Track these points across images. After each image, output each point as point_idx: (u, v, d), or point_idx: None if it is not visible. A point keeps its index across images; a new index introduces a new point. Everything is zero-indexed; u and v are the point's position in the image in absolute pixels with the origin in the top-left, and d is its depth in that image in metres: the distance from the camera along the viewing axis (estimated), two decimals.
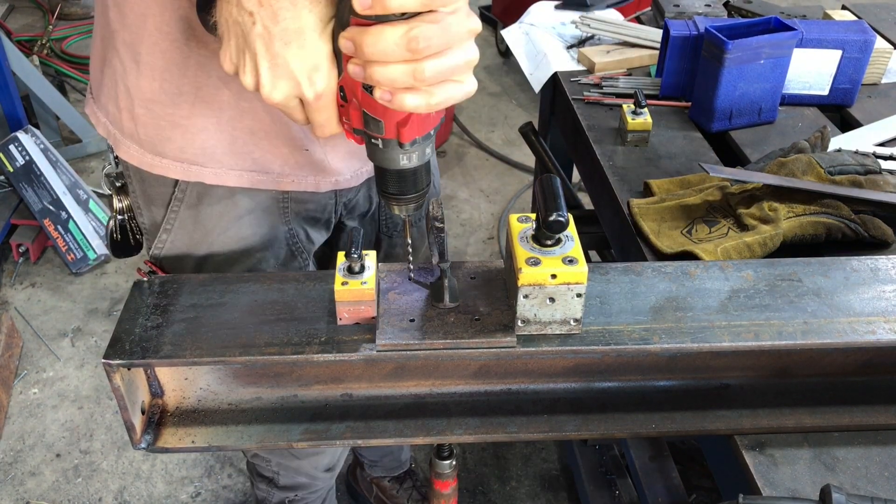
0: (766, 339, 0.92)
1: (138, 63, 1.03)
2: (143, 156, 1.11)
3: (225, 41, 0.83)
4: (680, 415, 1.02)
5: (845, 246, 1.23)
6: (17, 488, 2.31)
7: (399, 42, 0.71)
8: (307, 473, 1.62)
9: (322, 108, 0.84)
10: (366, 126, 0.83)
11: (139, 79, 1.04)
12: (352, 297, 0.92)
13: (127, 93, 1.06)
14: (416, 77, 0.73)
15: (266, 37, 0.78)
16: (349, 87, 0.82)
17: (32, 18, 5.11)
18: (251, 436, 1.00)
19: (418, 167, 0.87)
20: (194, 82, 1.03)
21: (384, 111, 0.79)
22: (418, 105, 0.75)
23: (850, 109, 1.68)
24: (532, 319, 0.91)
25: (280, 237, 1.20)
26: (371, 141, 0.84)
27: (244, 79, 0.83)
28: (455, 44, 0.74)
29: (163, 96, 1.04)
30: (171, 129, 1.07)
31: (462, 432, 1.00)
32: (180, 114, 1.06)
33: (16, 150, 3.03)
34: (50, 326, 2.85)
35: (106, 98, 1.11)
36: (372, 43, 0.71)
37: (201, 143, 1.08)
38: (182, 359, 0.91)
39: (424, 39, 0.71)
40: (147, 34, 1.00)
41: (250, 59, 0.81)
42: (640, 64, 1.88)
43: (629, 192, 1.41)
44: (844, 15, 1.97)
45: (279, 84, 0.81)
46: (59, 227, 3.03)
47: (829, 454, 0.96)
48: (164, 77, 1.03)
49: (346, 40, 0.74)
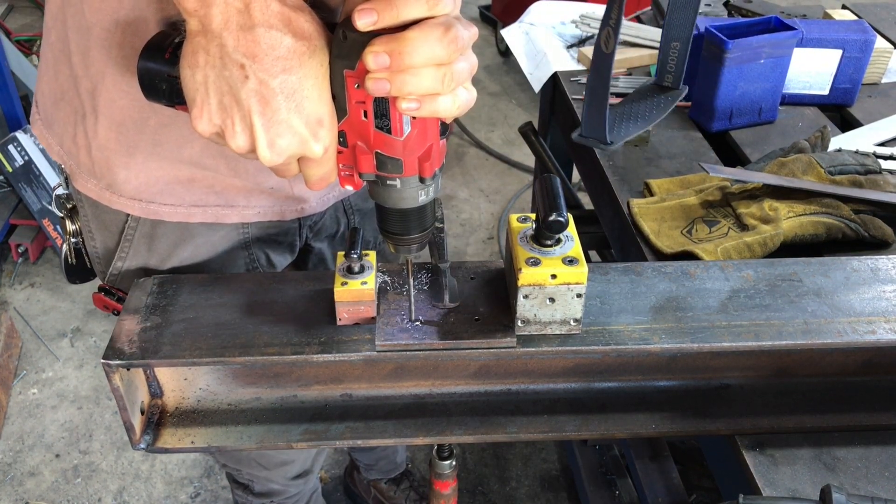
0: (766, 339, 0.92)
1: (97, 112, 0.98)
2: (101, 191, 1.06)
3: (199, 102, 0.74)
4: (680, 415, 1.02)
5: (845, 246, 1.22)
6: (17, 488, 2.30)
7: (441, 42, 0.67)
8: (278, 482, 1.62)
9: (325, 161, 0.78)
10: (380, 168, 0.77)
11: (97, 126, 0.99)
12: (351, 297, 0.92)
13: (84, 134, 1.01)
14: (445, 80, 0.69)
15: (262, 92, 0.71)
16: (355, 132, 0.76)
17: (31, 18, 5.11)
18: (251, 436, 1.00)
19: (433, 200, 0.83)
20: (153, 139, 0.98)
21: (403, 149, 0.74)
22: (448, 108, 0.72)
23: (850, 109, 1.68)
24: (532, 319, 0.91)
25: (239, 262, 1.15)
26: (386, 183, 0.78)
27: (233, 141, 0.74)
28: (467, 47, 0.72)
29: (119, 147, 1.00)
30: (126, 171, 1.02)
31: (462, 432, 1.00)
32: (136, 162, 1.01)
33: (15, 150, 3.03)
34: (49, 326, 2.85)
35: (61, 129, 1.06)
36: (412, 50, 0.67)
37: (159, 185, 1.03)
38: (181, 359, 0.91)
39: (461, 39, 0.68)
40: (105, 89, 0.95)
41: (241, 118, 0.73)
42: (640, 64, 1.87)
43: (629, 192, 1.41)
44: (845, 14, 1.97)
45: (279, 144, 0.74)
46: (58, 227, 3.03)
47: (829, 454, 0.96)
48: (121, 131, 0.98)
49: (379, 54, 0.67)
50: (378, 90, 0.69)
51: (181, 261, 1.12)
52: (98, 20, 0.91)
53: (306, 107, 0.73)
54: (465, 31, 0.70)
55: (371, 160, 0.77)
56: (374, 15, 0.67)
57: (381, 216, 0.84)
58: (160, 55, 0.81)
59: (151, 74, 0.82)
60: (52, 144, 1.09)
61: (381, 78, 0.69)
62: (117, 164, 1.02)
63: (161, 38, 0.83)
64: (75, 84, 0.99)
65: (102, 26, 0.91)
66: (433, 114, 0.72)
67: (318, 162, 0.78)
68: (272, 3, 0.70)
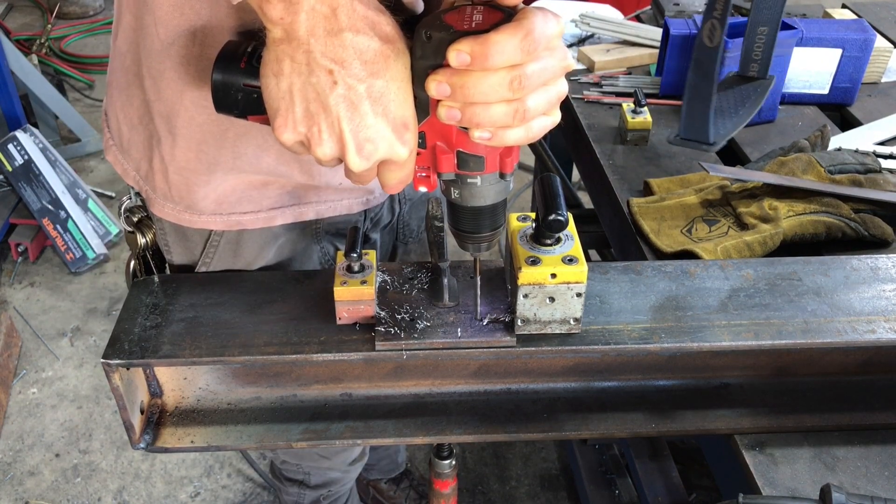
0: (766, 339, 0.92)
1: (174, 135, 0.97)
2: (180, 214, 1.06)
3: (284, 110, 0.73)
4: (680, 414, 1.02)
5: (845, 245, 1.23)
6: (17, 488, 2.30)
7: (502, 83, 0.67)
8: (338, 469, 1.62)
9: (408, 164, 0.77)
10: (461, 167, 0.77)
11: (174, 149, 0.98)
12: (351, 296, 0.92)
13: (161, 160, 1.01)
14: (517, 115, 0.70)
15: (350, 98, 0.70)
16: (435, 132, 0.76)
17: (31, 17, 5.11)
18: (250, 436, 1.00)
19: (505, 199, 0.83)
20: (233, 152, 0.98)
21: (486, 147, 0.75)
22: (519, 139, 0.72)
23: (850, 108, 1.68)
24: (532, 319, 0.91)
25: (314, 257, 1.18)
26: (466, 181, 0.78)
27: (319, 149, 0.74)
28: (551, 81, 0.71)
29: (199, 165, 0.99)
30: (205, 188, 1.02)
31: (462, 432, 1.00)
32: (215, 178, 1.01)
33: (14, 149, 3.03)
34: (49, 326, 2.85)
35: (138, 155, 1.05)
36: (474, 85, 0.67)
37: (236, 194, 1.04)
38: (181, 358, 0.91)
39: (527, 79, 0.68)
40: (184, 108, 0.94)
41: (328, 126, 0.72)
42: (640, 63, 1.87)
43: (629, 191, 1.41)
44: (844, 14, 1.97)
45: (367, 149, 0.73)
46: (58, 226, 3.03)
47: (829, 453, 0.96)
48: (201, 149, 0.98)
49: (441, 84, 0.68)
50: (449, 118, 0.70)
51: (266, 261, 1.13)
52: (176, 37, 0.89)
53: (392, 110, 0.72)
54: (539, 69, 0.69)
55: (452, 160, 0.77)
56: None
57: (454, 214, 0.84)
58: (235, 65, 0.79)
59: (227, 85, 0.80)
60: (128, 170, 1.08)
61: (453, 106, 0.69)
62: (196, 183, 1.01)
63: (233, 47, 0.81)
64: (149, 109, 0.98)
65: (180, 43, 0.90)
66: (502, 144, 0.72)
67: (402, 165, 0.77)
68: (357, 7, 0.69)
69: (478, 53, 0.66)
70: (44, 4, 5.14)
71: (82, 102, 4.19)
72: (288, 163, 1.01)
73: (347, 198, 1.12)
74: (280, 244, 1.13)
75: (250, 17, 0.85)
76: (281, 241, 1.13)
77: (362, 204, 1.15)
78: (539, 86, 0.70)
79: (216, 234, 1.09)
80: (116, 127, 1.07)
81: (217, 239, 1.10)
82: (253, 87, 0.78)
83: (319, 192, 1.09)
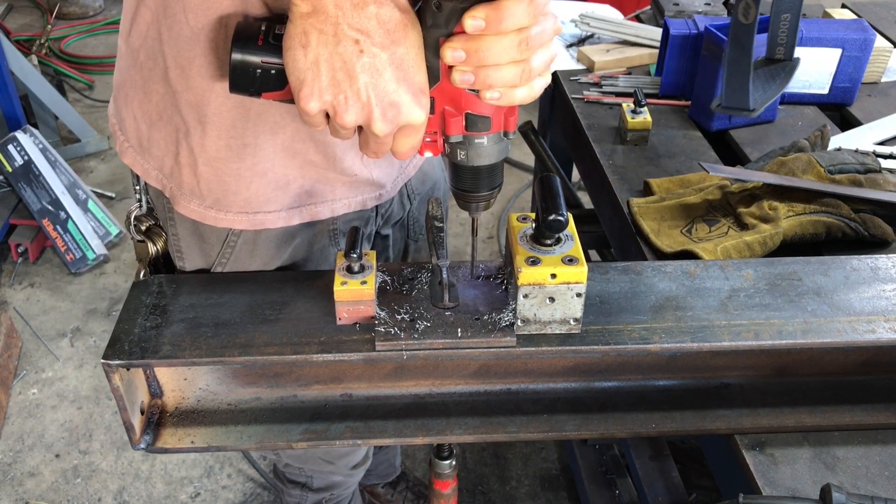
0: (766, 339, 0.92)
1: (204, 123, 0.98)
2: (206, 211, 1.07)
3: (310, 80, 0.77)
4: (680, 414, 1.02)
5: (845, 245, 1.23)
6: (17, 488, 2.30)
7: (512, 45, 0.73)
8: (341, 473, 1.63)
9: (421, 128, 0.81)
10: (469, 128, 0.82)
11: (204, 138, 1.00)
12: (351, 296, 0.92)
13: (190, 152, 1.02)
14: (524, 74, 0.76)
15: (375, 65, 0.75)
16: (445, 96, 0.80)
17: (31, 18, 5.11)
18: (250, 436, 1.00)
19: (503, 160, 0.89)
20: (255, 131, 1.00)
21: (491, 107, 0.80)
22: (524, 97, 0.78)
23: (850, 108, 1.68)
24: (532, 319, 0.91)
25: (330, 257, 1.19)
26: (473, 142, 0.83)
27: (345, 116, 0.78)
28: (548, 42, 0.78)
29: (228, 153, 1.01)
30: (235, 182, 1.03)
31: (462, 432, 1.00)
32: (245, 166, 1.02)
33: (14, 150, 3.03)
34: (49, 326, 2.85)
35: (161, 152, 1.05)
36: (487, 48, 0.72)
37: (262, 191, 1.05)
38: (181, 359, 0.91)
39: (532, 40, 0.74)
40: (215, 95, 0.96)
41: (353, 93, 0.76)
42: (640, 63, 1.87)
43: (629, 192, 1.41)
44: (844, 13, 1.97)
45: (390, 113, 0.78)
46: (58, 226, 3.03)
47: (829, 453, 0.96)
48: (231, 134, 0.99)
49: (457, 50, 0.74)
50: (463, 82, 0.75)
51: (282, 262, 1.14)
52: (204, 25, 0.91)
53: (411, 75, 0.77)
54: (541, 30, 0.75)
55: (460, 122, 0.81)
56: None
57: (459, 176, 0.88)
58: (252, 43, 0.82)
59: (245, 64, 0.83)
60: (149, 170, 1.08)
61: (466, 70, 0.75)
62: (228, 174, 1.02)
63: (247, 26, 0.84)
64: (174, 100, 0.99)
65: (209, 29, 0.91)
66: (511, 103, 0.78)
67: (417, 129, 0.81)
68: None
69: (492, 19, 0.71)
70: (44, 5, 5.14)
71: (82, 103, 4.19)
72: (303, 140, 1.02)
73: (360, 194, 1.14)
74: (296, 244, 1.13)
75: (277, 1, 0.88)
76: (297, 241, 1.13)
77: (375, 199, 1.17)
78: (540, 47, 0.76)
79: (233, 234, 1.10)
80: (133, 127, 1.06)
81: (234, 239, 1.10)
82: (271, 63, 0.82)
83: (335, 188, 1.10)
